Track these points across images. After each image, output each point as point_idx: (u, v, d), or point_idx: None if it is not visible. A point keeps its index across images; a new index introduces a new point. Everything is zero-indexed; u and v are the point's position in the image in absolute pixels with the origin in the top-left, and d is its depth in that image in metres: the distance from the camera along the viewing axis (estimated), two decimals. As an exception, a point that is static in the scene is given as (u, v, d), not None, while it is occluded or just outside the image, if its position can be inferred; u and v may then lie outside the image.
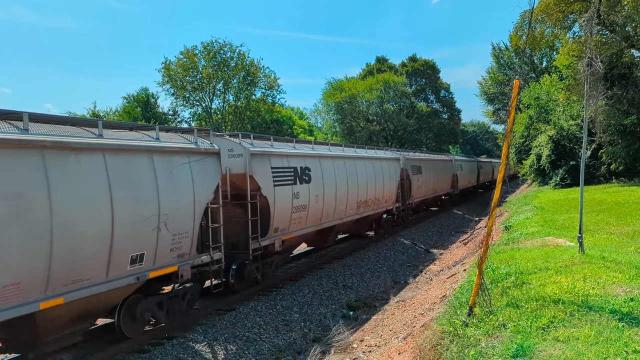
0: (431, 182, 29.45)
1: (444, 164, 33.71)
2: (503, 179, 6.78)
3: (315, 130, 68.60)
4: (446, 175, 33.94)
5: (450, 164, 35.64)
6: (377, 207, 21.07)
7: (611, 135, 27.36)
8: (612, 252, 9.24)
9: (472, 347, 5.68)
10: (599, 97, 10.23)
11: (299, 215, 14.39)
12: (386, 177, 21.59)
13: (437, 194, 31.93)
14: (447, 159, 35.70)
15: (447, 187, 34.65)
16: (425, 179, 28.05)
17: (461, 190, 39.64)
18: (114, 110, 47.96)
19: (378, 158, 21.71)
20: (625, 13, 24.31)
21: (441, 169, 32.39)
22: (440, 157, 34.02)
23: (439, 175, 31.39)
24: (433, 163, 30.80)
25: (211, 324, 10.89)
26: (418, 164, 27.16)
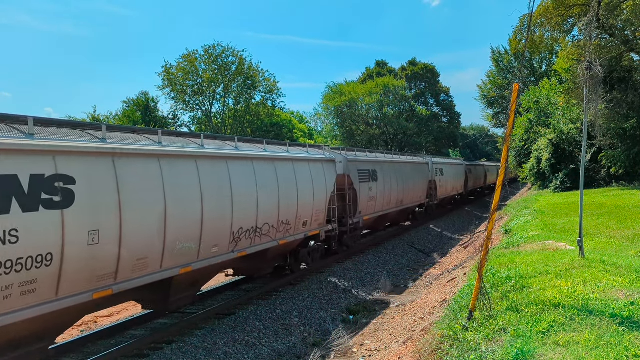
0: (394, 192, 23.03)
1: (415, 168, 27.54)
2: (503, 182, 6.77)
3: (315, 134, 68.60)
4: (419, 182, 27.70)
5: (425, 168, 29.65)
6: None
7: (611, 138, 27.36)
8: (613, 255, 9.22)
9: (472, 352, 5.66)
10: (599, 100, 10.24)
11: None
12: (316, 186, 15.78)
13: (405, 206, 25.29)
14: (421, 161, 29.62)
15: (420, 198, 28.23)
16: (384, 188, 21.66)
17: (442, 200, 34.00)
18: (114, 114, 48.06)
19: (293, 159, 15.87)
20: (624, 17, 24.37)
21: (411, 174, 26.28)
22: (410, 160, 27.91)
23: (407, 183, 25.03)
24: (397, 167, 24.45)
25: (210, 328, 10.86)
26: (370, 167, 20.55)
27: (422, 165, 29.39)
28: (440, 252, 23.38)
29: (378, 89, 55.36)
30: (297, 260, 15.67)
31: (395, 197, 23.42)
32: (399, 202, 24.26)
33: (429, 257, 22.06)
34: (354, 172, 18.84)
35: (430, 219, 31.19)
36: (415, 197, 27.34)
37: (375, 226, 24.41)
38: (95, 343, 10.00)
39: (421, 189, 28.37)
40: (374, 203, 20.72)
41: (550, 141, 31.21)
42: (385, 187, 21.96)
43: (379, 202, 21.36)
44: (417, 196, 27.57)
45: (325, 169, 16.17)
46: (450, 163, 38.00)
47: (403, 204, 24.93)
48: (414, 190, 26.82)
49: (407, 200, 25.53)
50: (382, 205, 21.80)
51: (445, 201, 36.50)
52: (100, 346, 9.80)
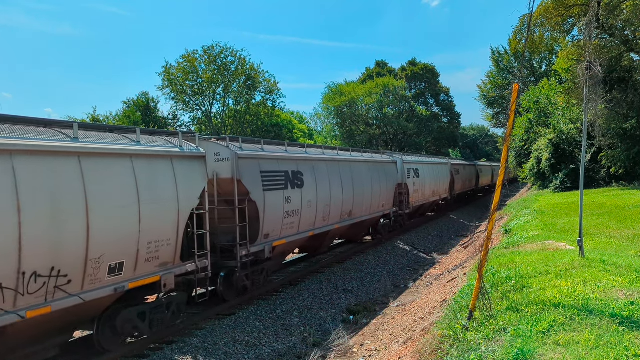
0: (336, 200, 16.82)
1: (375, 168, 21.25)
2: (503, 182, 6.77)
3: (315, 134, 68.60)
4: (382, 186, 21.55)
5: (391, 169, 23.41)
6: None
7: (611, 138, 27.36)
8: (612, 255, 9.23)
9: (472, 352, 5.66)
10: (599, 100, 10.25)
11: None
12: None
13: (358, 218, 19.12)
14: (386, 160, 23.14)
15: (383, 206, 21.94)
16: (315, 196, 15.41)
17: (419, 207, 28.47)
18: (114, 114, 48.00)
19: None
20: (624, 17, 24.38)
21: (368, 176, 20.03)
22: (368, 158, 20.95)
23: (361, 187, 19.00)
24: (344, 167, 18.01)
25: (211, 328, 10.86)
26: (289, 167, 14.26)
27: (387, 165, 22.81)
28: (441, 252, 23.38)
29: (378, 89, 55.35)
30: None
31: (338, 208, 16.86)
32: (346, 214, 17.73)
33: (429, 258, 22.06)
34: (252, 174, 12.35)
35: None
36: (376, 205, 20.81)
37: (308, 249, 18.08)
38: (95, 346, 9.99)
39: (385, 195, 21.91)
40: (295, 220, 14.08)
41: (550, 141, 31.21)
42: (320, 195, 15.42)
43: (306, 216, 14.78)
44: (377, 205, 20.93)
45: (183, 168, 9.91)
46: (429, 162, 30.86)
47: (353, 216, 18.32)
48: (374, 197, 20.34)
49: (361, 211, 19.09)
50: (310, 222, 15.16)
51: (424, 208, 30.73)
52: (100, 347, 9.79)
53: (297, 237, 14.48)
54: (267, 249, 12.87)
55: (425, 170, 28.74)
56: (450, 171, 35.94)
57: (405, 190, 25.01)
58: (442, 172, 33.57)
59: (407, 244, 23.54)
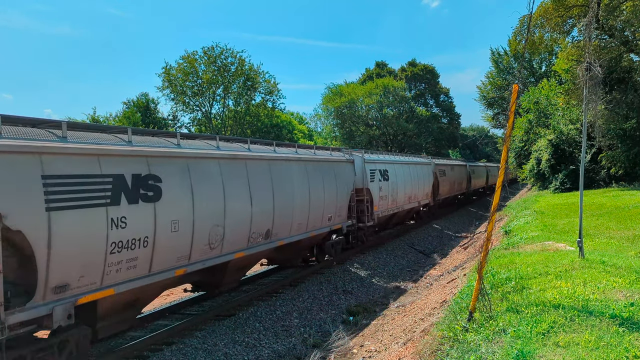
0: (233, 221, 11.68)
1: (316, 168, 15.53)
2: (502, 183, 6.77)
3: (315, 135, 68.65)
4: (332, 195, 16.38)
5: (345, 171, 17.86)
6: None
7: (611, 139, 27.38)
8: (612, 256, 9.22)
9: (472, 353, 5.66)
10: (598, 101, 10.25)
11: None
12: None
13: (306, 234, 14.82)
14: (336, 159, 17.31)
15: (332, 219, 16.61)
16: (167, 217, 9.49)
17: (392, 221, 24.59)
18: (114, 115, 48.02)
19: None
20: (624, 17, 24.40)
21: (301, 180, 14.52)
22: (305, 156, 15.17)
23: (295, 199, 14.15)
24: (253, 167, 12.25)
25: (210, 329, 10.85)
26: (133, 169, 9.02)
27: (338, 165, 17.10)
28: (440, 253, 23.37)
29: (378, 89, 55.40)
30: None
31: (243, 227, 11.53)
32: (260, 235, 12.26)
33: (429, 258, 22.04)
34: (11, 181, 6.72)
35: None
36: (318, 219, 15.48)
37: (204, 286, 12.29)
38: (95, 344, 9.98)
39: (334, 204, 16.43)
40: (140, 254, 8.67)
41: (550, 142, 31.22)
42: (200, 211, 9.99)
43: (169, 246, 9.31)
44: (320, 218, 15.63)
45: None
46: (403, 162, 25.39)
47: (276, 236, 13.03)
48: (315, 209, 15.12)
49: (289, 229, 13.72)
50: (181, 253, 9.68)
51: (398, 217, 25.32)
52: (100, 347, 9.79)
53: (147, 281, 8.92)
54: (59, 311, 7.27)
55: (398, 172, 23.63)
56: (434, 172, 30.88)
57: (368, 197, 19.66)
58: (423, 173, 28.31)
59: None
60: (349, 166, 18.41)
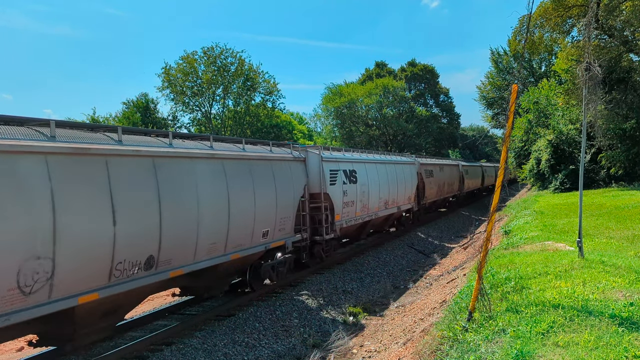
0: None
1: (241, 168, 11.90)
2: (502, 183, 6.77)
3: (314, 135, 68.68)
4: (266, 204, 12.73)
5: (294, 171, 14.48)
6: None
7: (610, 139, 27.38)
8: (612, 256, 9.22)
9: (471, 353, 5.66)
10: (598, 101, 10.26)
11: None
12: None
13: (219, 257, 11.11)
14: (278, 156, 13.84)
15: (268, 235, 12.94)
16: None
17: (365, 230, 21.40)
18: (114, 115, 48.03)
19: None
20: (623, 17, 24.41)
21: (208, 188, 10.55)
22: (220, 152, 11.32)
23: (190, 212, 10.16)
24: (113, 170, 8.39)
25: (210, 329, 10.85)
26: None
27: (279, 165, 13.68)
28: (440, 253, 23.37)
29: (377, 89, 55.42)
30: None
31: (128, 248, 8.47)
32: (127, 268, 8.77)
33: (429, 258, 22.05)
34: None
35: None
36: (246, 238, 11.86)
37: None
38: (95, 345, 9.98)
39: (270, 219, 12.83)
40: None
41: (550, 142, 31.22)
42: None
43: None
44: (245, 237, 11.80)
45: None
46: (377, 161, 21.61)
47: (165, 265, 9.61)
48: (236, 225, 11.44)
49: (183, 255, 9.94)
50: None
51: (372, 225, 21.72)
52: (100, 348, 9.79)
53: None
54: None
55: (370, 172, 20.08)
56: (419, 173, 27.44)
57: (328, 203, 16.15)
58: (405, 174, 24.70)
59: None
60: (297, 166, 14.63)
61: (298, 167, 14.71)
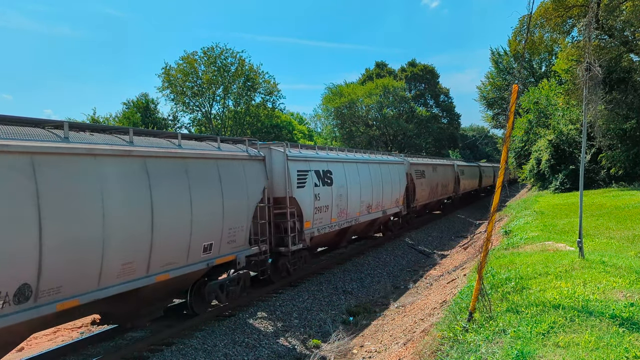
0: None
1: (162, 169, 9.42)
2: (503, 183, 6.77)
3: (314, 135, 68.69)
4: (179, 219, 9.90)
5: (248, 172, 12.03)
6: None
7: (610, 139, 27.37)
8: (612, 256, 9.22)
9: (472, 353, 5.65)
10: (598, 101, 10.26)
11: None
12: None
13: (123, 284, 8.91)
14: (224, 154, 11.38)
15: (233, 243, 11.56)
16: None
17: (345, 238, 19.39)
18: (114, 116, 48.02)
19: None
20: (623, 18, 24.40)
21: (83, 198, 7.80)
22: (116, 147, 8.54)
23: None
24: None
25: (210, 330, 10.85)
26: None
27: (228, 165, 11.38)
28: (441, 253, 23.36)
29: (378, 90, 55.41)
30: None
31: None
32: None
33: (429, 258, 22.04)
34: None
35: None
36: (181, 255, 9.77)
37: None
38: (95, 345, 9.99)
39: (214, 230, 10.78)
40: None
41: (550, 142, 31.21)
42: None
43: None
44: (179, 253, 9.74)
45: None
46: (358, 161, 19.47)
47: (51, 294, 7.26)
48: (177, 236, 9.90)
49: (97, 278, 8.02)
50: None
51: (352, 232, 19.70)
52: (100, 348, 9.79)
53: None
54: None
55: (349, 173, 17.99)
56: (408, 174, 25.65)
57: (295, 209, 14.25)
58: (392, 175, 22.61)
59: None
60: (254, 165, 12.33)
61: (255, 167, 12.37)
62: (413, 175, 26.59)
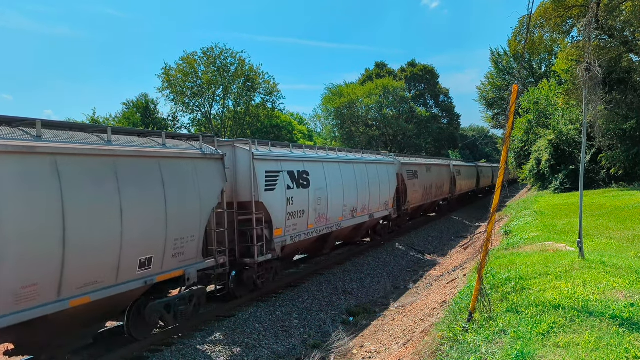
0: None
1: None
2: (503, 183, 6.76)
3: (314, 135, 68.71)
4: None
5: (190, 171, 10.25)
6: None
7: (610, 139, 27.37)
8: (612, 257, 9.21)
9: (472, 353, 5.65)
10: (598, 101, 10.26)
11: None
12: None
13: None
14: (180, 152, 10.16)
15: (180, 256, 9.88)
16: None
17: (317, 246, 17.26)
18: (114, 116, 48.06)
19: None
20: (623, 18, 24.39)
21: None
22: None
23: None
24: None
25: (210, 330, 10.84)
26: None
27: (175, 164, 9.93)
28: (440, 253, 23.35)
29: (377, 90, 55.43)
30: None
31: None
32: None
33: (429, 259, 22.03)
34: None
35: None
36: (107, 273, 8.34)
37: None
38: (95, 345, 9.97)
39: (157, 241, 9.32)
40: None
41: (550, 142, 31.21)
42: None
43: None
44: (103, 270, 8.28)
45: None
46: (339, 160, 17.74)
47: None
48: (101, 251, 8.31)
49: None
50: None
51: (334, 238, 18.09)
52: (100, 347, 9.77)
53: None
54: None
55: (330, 174, 16.45)
56: (399, 174, 24.19)
57: (264, 214, 12.76)
58: (381, 176, 21.04)
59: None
60: (209, 165, 10.85)
61: (211, 167, 10.85)
62: (404, 176, 25.02)
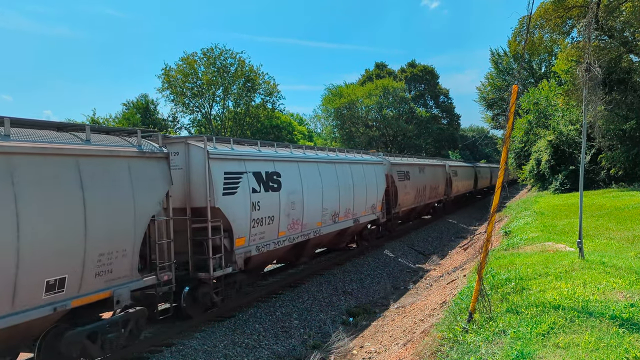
0: None
1: None
2: (502, 184, 6.77)
3: (314, 136, 68.72)
4: None
5: (121, 174, 8.59)
6: None
7: (610, 140, 27.38)
8: (612, 257, 9.21)
9: (472, 354, 5.65)
10: (598, 102, 10.27)
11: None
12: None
13: None
14: (106, 150, 8.38)
15: (107, 275, 8.39)
16: None
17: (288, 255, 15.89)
18: (114, 116, 48.08)
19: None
20: (623, 18, 24.40)
21: None
22: None
23: None
24: None
25: (210, 330, 10.84)
26: None
27: (101, 165, 8.25)
28: (440, 254, 23.34)
29: (377, 90, 55.45)
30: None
31: None
32: None
33: (429, 259, 22.02)
34: None
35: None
36: None
37: None
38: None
39: (71, 259, 7.54)
40: None
41: (550, 142, 31.21)
42: None
43: None
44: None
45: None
46: (319, 160, 16.20)
47: None
48: None
49: None
50: None
51: (312, 245, 16.42)
52: (100, 349, 9.76)
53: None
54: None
55: (306, 175, 14.95)
56: (389, 175, 22.72)
57: (222, 222, 11.33)
58: (368, 177, 19.54)
59: None
60: (150, 165, 9.27)
61: (151, 168, 9.20)
62: (395, 177, 23.39)
